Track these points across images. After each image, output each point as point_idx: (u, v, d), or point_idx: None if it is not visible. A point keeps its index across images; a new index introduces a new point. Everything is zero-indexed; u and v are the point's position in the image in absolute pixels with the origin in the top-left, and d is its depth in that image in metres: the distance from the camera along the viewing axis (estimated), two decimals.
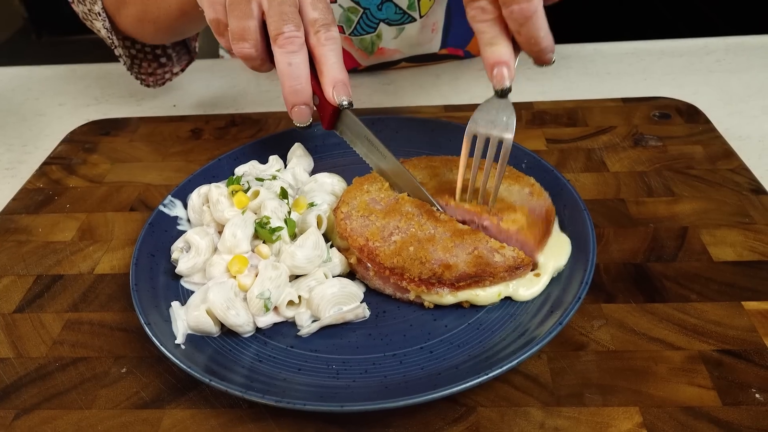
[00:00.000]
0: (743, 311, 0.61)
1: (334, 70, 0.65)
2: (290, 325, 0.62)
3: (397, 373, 0.56)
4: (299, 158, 0.81)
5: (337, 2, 0.99)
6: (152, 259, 0.68)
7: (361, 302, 0.63)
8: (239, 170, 0.79)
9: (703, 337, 0.59)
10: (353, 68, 1.12)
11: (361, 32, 1.04)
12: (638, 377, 0.55)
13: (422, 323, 0.61)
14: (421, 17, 1.02)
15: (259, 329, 0.61)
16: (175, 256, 0.68)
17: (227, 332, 0.61)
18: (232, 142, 0.93)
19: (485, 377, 0.51)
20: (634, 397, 0.54)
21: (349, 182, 0.75)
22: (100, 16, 0.91)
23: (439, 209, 0.66)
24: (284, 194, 0.71)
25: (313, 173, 0.81)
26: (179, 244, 0.68)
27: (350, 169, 0.79)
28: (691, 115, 0.91)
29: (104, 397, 0.57)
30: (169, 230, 0.72)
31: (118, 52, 0.96)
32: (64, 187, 0.87)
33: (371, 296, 0.65)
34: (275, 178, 0.74)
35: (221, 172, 0.80)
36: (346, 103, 0.65)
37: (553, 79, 1.08)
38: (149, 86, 1.04)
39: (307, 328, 0.61)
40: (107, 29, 0.93)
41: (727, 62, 1.09)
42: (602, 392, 0.54)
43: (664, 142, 0.86)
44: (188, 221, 0.74)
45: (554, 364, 0.57)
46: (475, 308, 0.62)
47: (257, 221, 0.66)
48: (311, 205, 0.72)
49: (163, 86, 1.06)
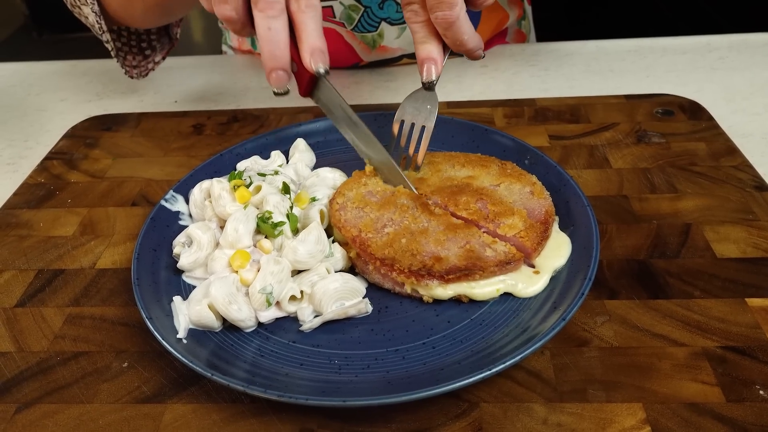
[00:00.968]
0: (747, 308, 0.60)
1: (312, 37, 0.65)
2: (292, 320, 0.62)
3: (399, 368, 0.56)
4: (301, 153, 0.81)
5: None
6: (154, 253, 0.68)
7: (363, 297, 0.62)
8: (241, 165, 0.79)
9: (706, 333, 0.58)
10: (355, 64, 1.12)
11: (362, 30, 1.04)
12: (641, 373, 0.55)
13: (424, 318, 0.61)
14: None
15: (261, 324, 0.61)
16: (176, 250, 0.68)
17: (229, 327, 0.61)
18: (233, 137, 0.93)
19: (488, 373, 0.51)
20: (637, 393, 0.54)
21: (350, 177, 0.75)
22: (88, 0, 0.90)
23: (411, 188, 0.70)
24: (286, 189, 0.70)
25: (315, 168, 0.80)
26: (181, 238, 0.68)
27: (352, 164, 0.79)
28: (694, 112, 0.91)
29: (105, 391, 0.57)
30: (170, 225, 0.72)
31: (105, 37, 0.95)
32: (65, 182, 0.86)
33: (373, 291, 0.64)
34: (277, 173, 0.74)
35: (223, 167, 0.80)
36: (322, 70, 0.65)
37: (556, 76, 1.07)
38: (132, 78, 1.03)
39: (309, 323, 0.60)
40: (96, 13, 0.91)
41: (730, 60, 1.09)
42: (605, 388, 0.54)
43: (667, 138, 0.85)
44: (190, 216, 0.74)
45: (557, 360, 0.57)
46: (477, 304, 0.62)
47: (259, 216, 0.66)
48: (313, 199, 0.72)
49: (146, 77, 1.06)
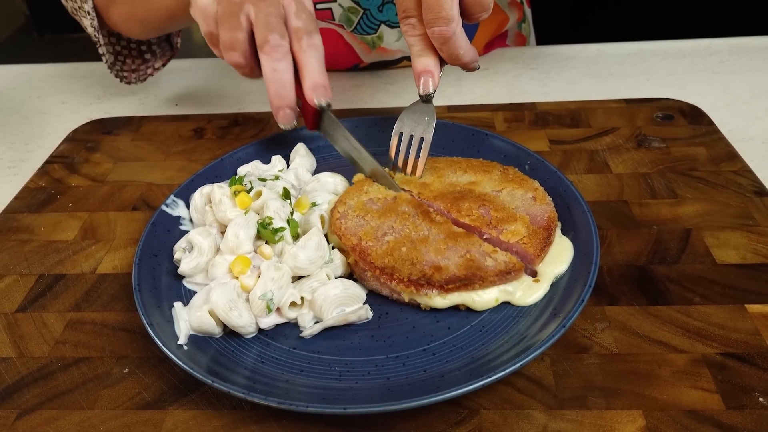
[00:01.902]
0: (747, 314, 0.60)
1: (314, 74, 0.70)
2: (293, 326, 0.62)
3: (399, 375, 0.56)
4: (302, 158, 0.81)
5: (337, 2, 0.99)
6: (155, 259, 0.68)
7: (363, 304, 0.62)
8: (242, 170, 0.79)
9: (706, 340, 0.58)
10: (355, 65, 1.12)
11: (361, 32, 1.04)
12: (641, 380, 0.55)
13: (425, 325, 0.61)
14: None
15: (261, 330, 0.61)
16: (177, 256, 0.68)
17: (229, 333, 0.61)
18: (234, 141, 0.93)
19: (488, 380, 0.51)
20: (637, 400, 0.54)
21: (351, 182, 0.75)
22: (89, 14, 0.93)
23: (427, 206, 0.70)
24: (287, 194, 0.71)
25: (315, 173, 0.80)
26: (182, 244, 0.68)
27: (352, 169, 0.79)
28: (694, 116, 0.91)
29: (106, 397, 0.57)
30: (171, 230, 0.72)
31: (102, 50, 0.97)
32: (66, 186, 0.86)
33: (374, 298, 0.64)
34: (278, 178, 0.74)
35: (224, 171, 0.80)
36: (325, 104, 0.71)
37: (556, 79, 1.07)
38: (130, 83, 1.05)
39: (309, 329, 0.61)
40: (94, 28, 0.94)
41: (730, 63, 1.09)
42: (605, 395, 0.54)
43: (667, 143, 0.85)
44: (191, 221, 0.74)
45: (557, 366, 0.57)
46: (477, 311, 0.62)
47: (260, 222, 0.66)
48: (313, 204, 0.72)
49: (144, 82, 1.07)
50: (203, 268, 0.66)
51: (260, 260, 0.64)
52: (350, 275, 0.67)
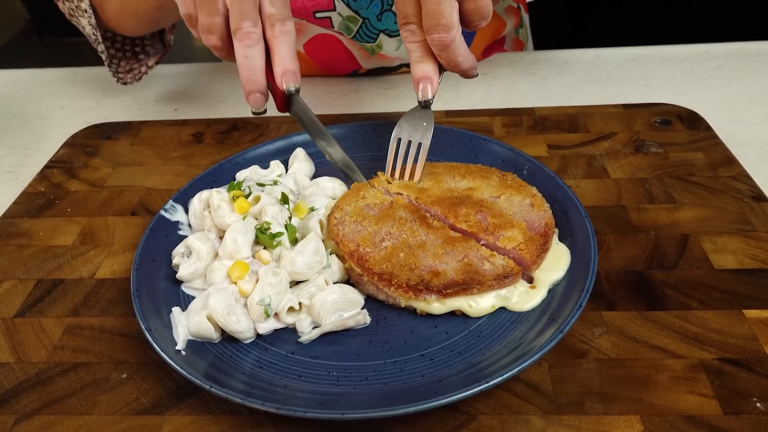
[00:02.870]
0: (744, 319, 0.61)
1: (284, 60, 0.71)
2: (291, 331, 0.62)
3: (397, 380, 0.56)
4: (301, 163, 0.81)
5: (336, 10, 1.00)
6: (153, 264, 0.68)
7: (361, 309, 0.63)
8: (240, 175, 0.79)
9: (704, 345, 0.58)
10: (354, 71, 1.12)
11: (360, 40, 1.04)
12: (639, 385, 0.55)
13: (423, 330, 0.61)
14: None
15: (259, 335, 0.61)
16: (176, 261, 0.68)
17: (228, 338, 0.61)
18: (233, 146, 0.93)
19: (486, 385, 0.51)
20: (634, 405, 0.54)
21: (349, 187, 0.75)
22: (86, 12, 0.95)
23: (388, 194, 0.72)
24: (285, 199, 0.71)
25: (314, 178, 0.80)
26: (180, 249, 0.68)
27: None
28: (692, 121, 0.91)
29: (104, 402, 0.57)
30: (170, 235, 0.72)
31: (100, 48, 1.00)
32: (65, 190, 0.87)
33: (371, 303, 0.65)
34: (276, 183, 0.75)
35: (222, 176, 0.80)
36: (293, 89, 0.71)
37: (554, 84, 1.08)
38: (126, 83, 1.07)
39: (307, 334, 0.61)
40: (92, 26, 0.96)
41: (728, 68, 1.09)
42: (603, 400, 0.54)
43: (665, 148, 0.86)
44: (189, 226, 0.74)
45: (555, 371, 0.57)
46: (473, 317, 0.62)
47: (258, 227, 0.66)
48: (312, 209, 0.72)
49: (140, 81, 1.09)
50: (201, 273, 0.66)
51: (258, 265, 0.64)
52: (347, 280, 0.67)
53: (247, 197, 0.70)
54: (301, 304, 0.62)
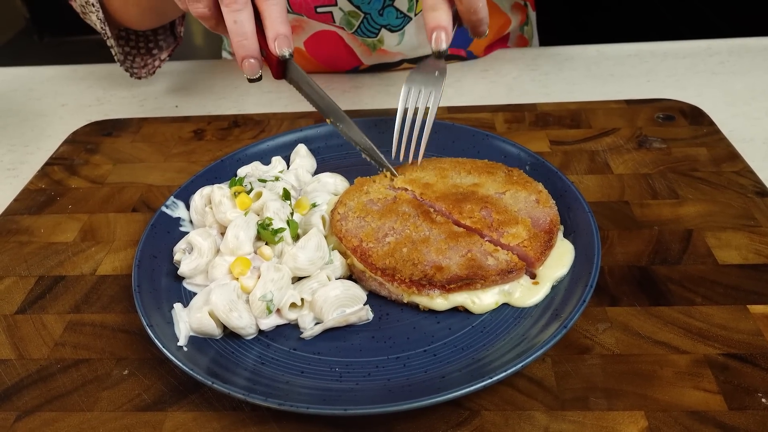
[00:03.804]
0: (749, 315, 0.60)
1: (276, 24, 0.69)
2: (293, 327, 0.62)
3: (400, 376, 0.56)
4: (302, 159, 0.81)
5: (337, 5, 0.99)
6: (154, 260, 0.68)
7: (364, 304, 0.62)
8: (242, 171, 0.79)
9: (708, 340, 0.58)
10: (355, 67, 1.12)
11: (362, 35, 1.04)
12: (643, 381, 0.55)
13: (426, 326, 0.61)
14: (415, 15, 1.02)
15: (261, 331, 0.61)
16: (177, 257, 0.67)
17: (230, 334, 0.61)
18: (234, 142, 0.93)
19: (489, 381, 0.51)
20: (639, 401, 0.53)
21: (351, 182, 0.75)
22: (93, 6, 0.94)
23: (391, 171, 0.73)
24: (287, 195, 0.70)
25: (316, 174, 0.80)
26: (181, 245, 0.68)
27: (353, 169, 0.79)
28: (695, 117, 0.91)
29: (106, 399, 0.57)
30: (171, 231, 0.72)
31: (110, 43, 0.99)
32: (66, 187, 0.86)
33: (374, 298, 0.64)
34: (278, 179, 0.74)
35: (224, 173, 0.80)
36: (287, 53, 0.69)
37: (556, 80, 1.07)
38: (140, 78, 1.07)
39: (310, 330, 0.60)
40: (101, 20, 0.96)
41: (730, 64, 1.08)
42: (607, 396, 0.54)
43: (668, 144, 0.85)
44: (191, 222, 0.74)
45: (559, 367, 0.57)
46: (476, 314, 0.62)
47: (259, 223, 0.66)
48: (314, 205, 0.72)
49: (153, 75, 1.09)
50: (203, 269, 0.65)
51: (260, 261, 0.64)
52: (350, 276, 0.66)
53: (248, 193, 0.70)
54: (303, 300, 0.61)
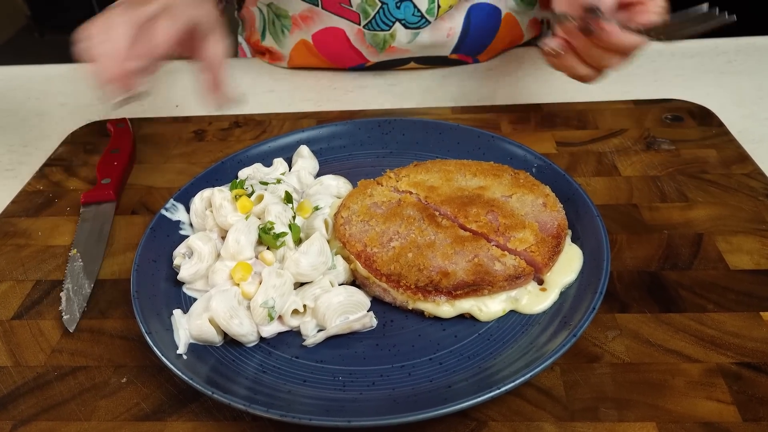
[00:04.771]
0: (762, 322, 0.59)
1: None
2: (295, 334, 0.61)
3: (405, 385, 0.54)
4: (304, 160, 0.80)
5: None
6: (154, 264, 0.66)
7: (368, 311, 0.61)
8: (243, 173, 0.78)
9: (721, 349, 0.57)
10: (360, 64, 1.10)
11: (375, 28, 1.02)
12: (655, 391, 0.54)
13: (431, 333, 0.59)
14: (435, 19, 1.01)
15: (263, 339, 0.60)
16: (177, 262, 0.66)
17: (230, 342, 0.60)
18: (235, 143, 0.92)
19: (497, 392, 0.49)
20: (650, 411, 0.52)
21: (354, 185, 0.73)
22: None
23: None
24: (288, 198, 0.69)
25: (318, 175, 0.79)
26: (181, 249, 0.67)
27: (356, 171, 0.78)
28: (703, 117, 0.89)
29: (104, 408, 0.56)
30: (171, 235, 0.70)
31: None
32: (64, 189, 0.85)
33: (378, 305, 0.63)
34: (280, 181, 0.73)
35: (225, 174, 0.78)
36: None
37: (561, 78, 1.05)
38: None
39: (312, 338, 0.59)
40: None
41: (738, 63, 1.07)
42: (618, 406, 0.53)
43: (676, 145, 0.84)
44: (191, 226, 0.72)
45: (567, 376, 0.55)
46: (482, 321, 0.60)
47: (261, 227, 0.65)
48: (316, 208, 0.70)
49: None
50: (203, 274, 0.64)
51: (262, 266, 0.63)
52: (353, 282, 0.65)
53: (249, 196, 0.68)
54: (305, 306, 0.60)
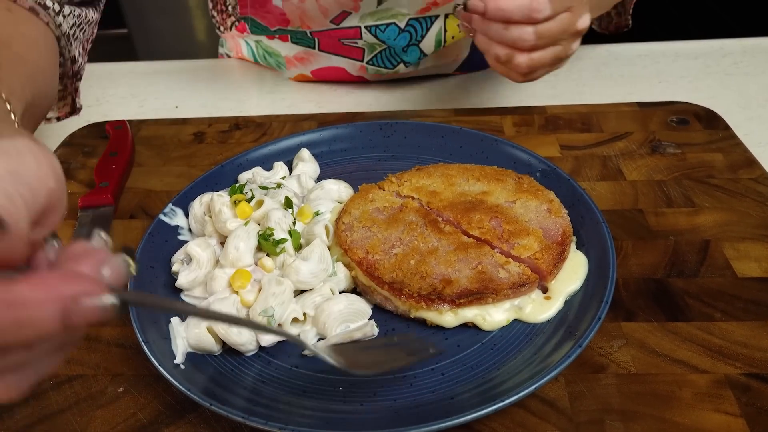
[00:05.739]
0: None
1: None
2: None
3: (407, 396, 0.53)
4: (305, 164, 0.79)
5: (362, 39, 0.97)
6: (152, 271, 0.65)
7: (369, 319, 0.60)
8: (243, 177, 0.77)
9: (729, 359, 0.56)
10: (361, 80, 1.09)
11: (378, 64, 1.01)
12: (661, 402, 0.53)
13: (433, 342, 0.58)
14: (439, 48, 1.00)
15: (262, 348, 0.59)
16: (175, 268, 0.65)
17: (229, 351, 0.58)
18: (235, 146, 0.91)
19: (500, 404, 0.48)
20: (657, 424, 0.51)
21: (355, 189, 0.72)
22: None
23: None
24: (289, 204, 0.68)
25: (319, 179, 0.78)
26: (180, 255, 0.65)
27: (357, 175, 0.77)
28: (710, 120, 0.88)
29: (100, 418, 0.55)
30: (169, 240, 0.69)
31: None
32: None
33: (379, 313, 0.62)
34: (280, 186, 0.72)
35: (224, 178, 0.77)
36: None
37: (565, 81, 1.04)
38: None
39: (312, 347, 0.58)
40: None
41: (744, 65, 1.06)
42: (624, 418, 0.52)
43: (682, 149, 0.83)
44: (190, 231, 0.71)
45: (572, 387, 0.54)
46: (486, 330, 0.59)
47: (260, 233, 0.63)
48: (316, 213, 0.69)
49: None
50: (202, 281, 0.63)
51: (261, 273, 0.62)
52: (354, 289, 0.64)
53: (249, 201, 0.67)
54: (305, 314, 0.59)
